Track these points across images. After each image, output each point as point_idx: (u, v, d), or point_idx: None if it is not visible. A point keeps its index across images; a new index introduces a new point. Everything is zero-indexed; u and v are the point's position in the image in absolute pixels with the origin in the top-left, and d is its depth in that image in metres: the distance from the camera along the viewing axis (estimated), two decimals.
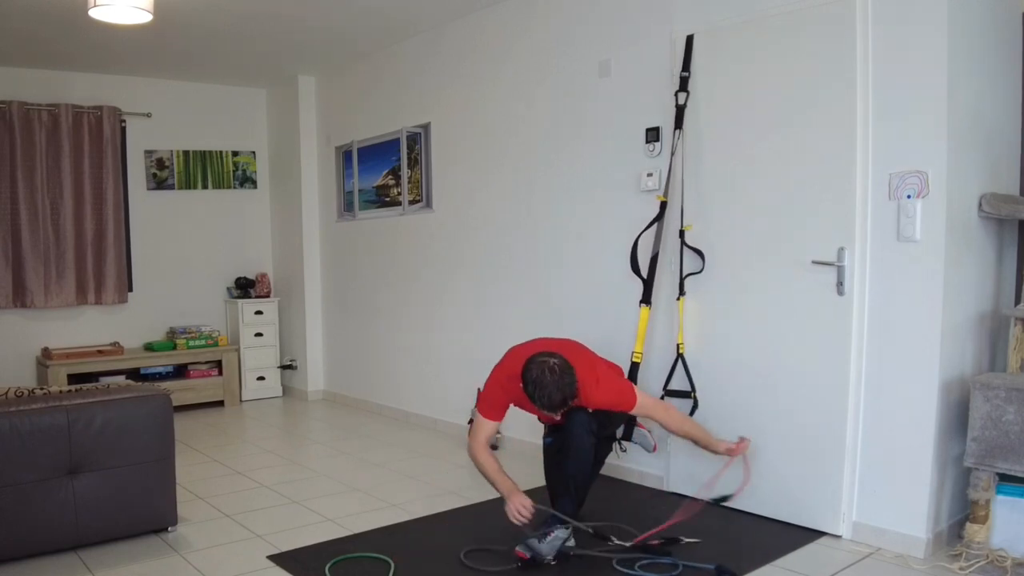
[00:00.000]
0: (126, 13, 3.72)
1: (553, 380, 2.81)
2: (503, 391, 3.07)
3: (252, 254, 6.70)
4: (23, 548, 2.85)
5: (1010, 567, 2.71)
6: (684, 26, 3.57)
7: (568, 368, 2.85)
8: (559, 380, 2.81)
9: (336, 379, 6.30)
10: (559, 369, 2.82)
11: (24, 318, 5.70)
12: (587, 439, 3.01)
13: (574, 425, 3.02)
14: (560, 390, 2.81)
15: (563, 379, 2.82)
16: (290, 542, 3.12)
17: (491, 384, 3.12)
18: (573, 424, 3.03)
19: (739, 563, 2.83)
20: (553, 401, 2.81)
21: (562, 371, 2.82)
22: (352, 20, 4.87)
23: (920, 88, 2.85)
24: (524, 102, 4.48)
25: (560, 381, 2.81)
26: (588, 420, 3.02)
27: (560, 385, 2.81)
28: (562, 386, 2.81)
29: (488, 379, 3.13)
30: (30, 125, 5.55)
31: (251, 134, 6.65)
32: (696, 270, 3.52)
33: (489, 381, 3.13)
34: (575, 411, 3.05)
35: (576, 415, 3.04)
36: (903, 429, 2.92)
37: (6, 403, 2.85)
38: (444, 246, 5.11)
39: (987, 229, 3.09)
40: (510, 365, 3.03)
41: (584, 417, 3.02)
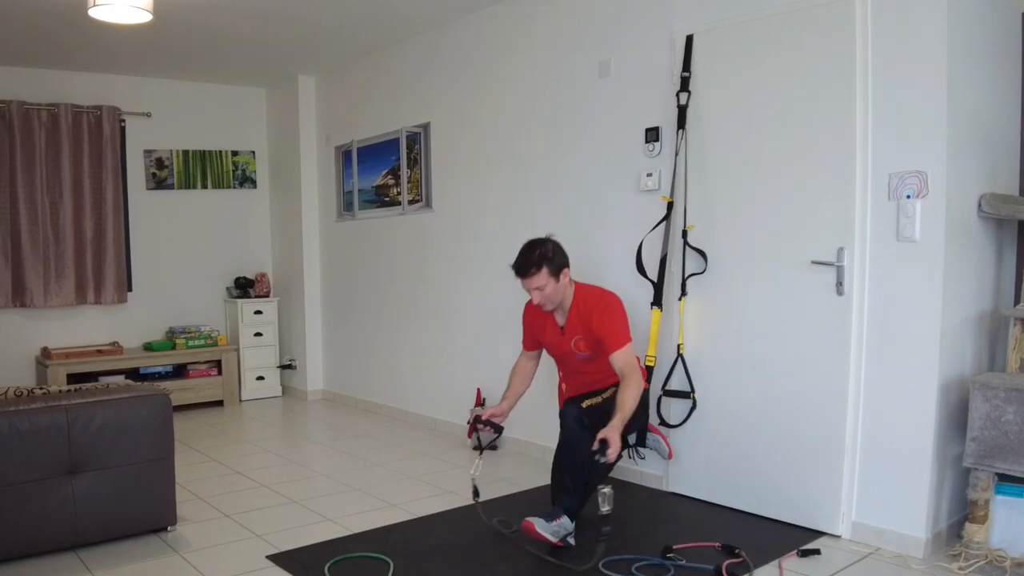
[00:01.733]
0: (126, 13, 3.72)
1: (527, 247, 3.12)
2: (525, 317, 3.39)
3: (252, 254, 6.70)
4: (22, 548, 2.85)
5: (1009, 567, 2.71)
6: (684, 26, 3.57)
7: (550, 247, 3.10)
8: (530, 249, 3.09)
9: (335, 379, 6.29)
10: (541, 243, 3.12)
11: (23, 318, 5.69)
12: (578, 433, 3.02)
13: (565, 419, 3.06)
14: (532, 249, 3.08)
15: (539, 246, 3.10)
16: (289, 542, 3.12)
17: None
18: (564, 419, 3.07)
19: (739, 563, 2.83)
20: (521, 257, 3.08)
21: (541, 244, 3.11)
22: (352, 20, 4.87)
23: (920, 88, 2.85)
24: (524, 102, 4.48)
25: (530, 249, 3.09)
26: (579, 414, 3.04)
27: (528, 252, 3.08)
28: (531, 250, 3.08)
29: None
30: (30, 125, 5.55)
31: (251, 134, 6.65)
32: (698, 270, 3.52)
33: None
34: (567, 405, 3.09)
35: (568, 409, 3.07)
36: (903, 429, 2.92)
37: (6, 403, 2.85)
38: (444, 246, 5.11)
39: (987, 229, 3.09)
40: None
41: (575, 411, 3.05)
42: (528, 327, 3.40)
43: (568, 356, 3.26)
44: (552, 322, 3.26)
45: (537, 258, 3.05)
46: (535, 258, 3.06)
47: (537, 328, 3.34)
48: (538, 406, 4.02)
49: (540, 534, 2.87)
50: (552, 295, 3.11)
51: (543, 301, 3.13)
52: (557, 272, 3.08)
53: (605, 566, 2.80)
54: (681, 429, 3.57)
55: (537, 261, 3.05)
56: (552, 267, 3.06)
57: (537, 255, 3.06)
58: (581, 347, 3.19)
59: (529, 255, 3.08)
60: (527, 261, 3.07)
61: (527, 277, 3.07)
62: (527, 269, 3.06)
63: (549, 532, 2.88)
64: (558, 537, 2.90)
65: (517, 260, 3.11)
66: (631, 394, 2.96)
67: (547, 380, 4.03)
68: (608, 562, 2.83)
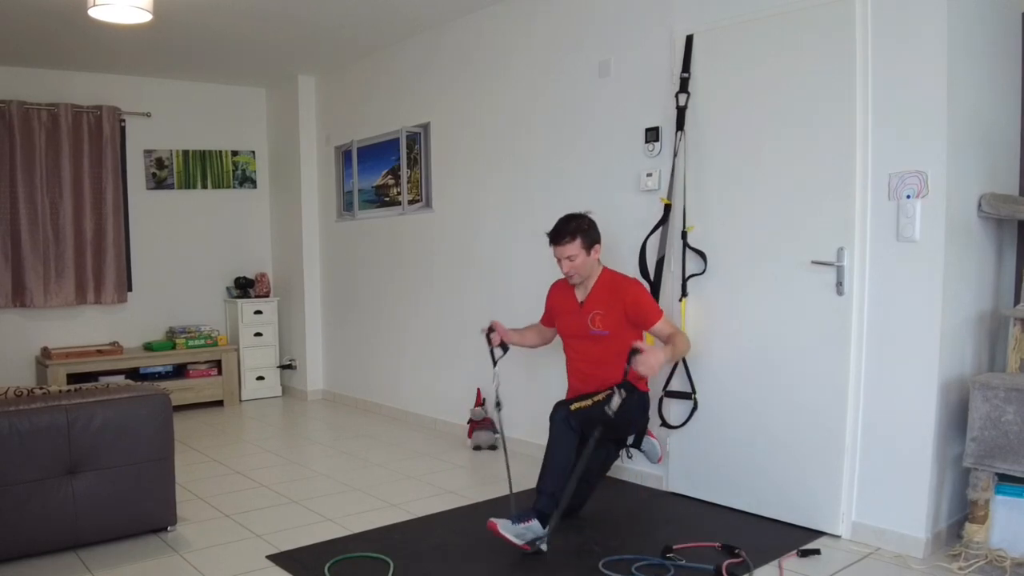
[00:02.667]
0: (126, 13, 3.72)
1: (565, 217, 3.27)
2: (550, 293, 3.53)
3: (251, 254, 6.70)
4: (22, 547, 2.85)
5: (1009, 567, 2.71)
6: (684, 26, 3.57)
7: (586, 221, 3.24)
8: (570, 218, 3.25)
9: (335, 379, 6.29)
10: (579, 215, 3.27)
11: (23, 318, 5.69)
12: (563, 435, 3.01)
13: (552, 421, 3.06)
14: (569, 220, 3.23)
15: (576, 218, 3.24)
16: (289, 542, 3.12)
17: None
18: (552, 421, 3.06)
19: (739, 563, 2.83)
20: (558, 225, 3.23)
21: (579, 216, 3.26)
22: (352, 20, 4.87)
23: (920, 88, 2.85)
24: (524, 102, 4.48)
25: (572, 216, 3.25)
26: (567, 416, 3.03)
27: (568, 220, 3.24)
28: (568, 221, 3.23)
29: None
30: (30, 125, 5.55)
31: (251, 134, 6.65)
32: (698, 271, 3.52)
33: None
34: (557, 407, 3.09)
35: (557, 411, 3.06)
36: (902, 429, 2.92)
37: (6, 403, 2.85)
38: (444, 246, 5.11)
39: (986, 229, 3.09)
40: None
41: (563, 413, 3.05)
42: (549, 305, 3.52)
43: (580, 334, 3.31)
44: (572, 297, 3.35)
45: (573, 228, 3.20)
46: (571, 228, 3.20)
47: (556, 304, 3.45)
48: (538, 406, 4.01)
49: (503, 535, 2.85)
50: (581, 267, 3.23)
51: (571, 271, 3.24)
52: (589, 246, 3.22)
53: (605, 566, 2.80)
54: (681, 429, 3.57)
55: (573, 231, 3.19)
56: (586, 240, 3.20)
57: (573, 226, 3.21)
58: (598, 323, 3.25)
59: (566, 224, 3.22)
60: (563, 229, 3.21)
61: (560, 244, 3.21)
62: (562, 237, 3.20)
63: (513, 533, 2.86)
64: (524, 540, 2.87)
65: (554, 228, 3.25)
66: (682, 342, 3.19)
67: (548, 380, 4.04)
68: (608, 562, 2.83)
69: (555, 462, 3.01)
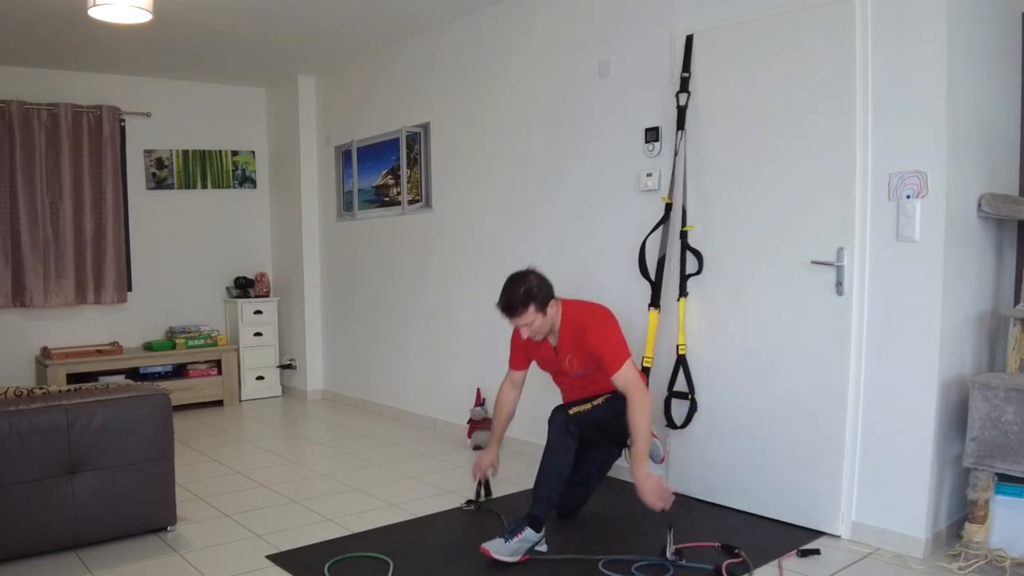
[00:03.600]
0: (126, 13, 3.72)
1: (510, 284, 3.04)
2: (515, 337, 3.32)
3: (251, 254, 6.70)
4: (22, 548, 2.85)
5: (1009, 567, 2.71)
6: (684, 26, 3.57)
7: (533, 281, 3.01)
8: (513, 286, 3.02)
9: (335, 379, 6.29)
10: (524, 279, 3.03)
11: (23, 317, 5.69)
12: (561, 440, 2.99)
13: (551, 426, 3.03)
14: (515, 287, 3.01)
15: (517, 287, 3.00)
16: (289, 542, 3.12)
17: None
18: (551, 425, 3.04)
19: (739, 563, 2.83)
20: (506, 297, 3.01)
21: (525, 281, 3.02)
22: (352, 20, 4.87)
23: (920, 88, 2.85)
24: (524, 102, 4.48)
25: (513, 287, 3.02)
26: (566, 420, 3.01)
27: (512, 291, 3.01)
28: (513, 292, 3.00)
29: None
30: (29, 124, 5.54)
31: (251, 134, 6.65)
32: (698, 271, 3.52)
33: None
34: (556, 411, 3.06)
35: (556, 415, 3.04)
36: (902, 429, 2.92)
37: (5, 403, 2.85)
38: (444, 246, 5.11)
39: (986, 229, 3.09)
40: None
41: (562, 417, 3.02)
42: (518, 346, 3.34)
43: (566, 375, 3.23)
44: (546, 344, 3.21)
45: (522, 297, 2.98)
46: (520, 297, 2.98)
47: (530, 349, 3.30)
48: (538, 406, 4.01)
49: (497, 559, 2.83)
50: (541, 328, 3.07)
51: (532, 335, 3.08)
52: (543, 306, 3.02)
53: (605, 566, 2.80)
54: (681, 429, 3.57)
55: (523, 300, 2.98)
56: (538, 303, 3.00)
57: (522, 293, 2.98)
58: (575, 365, 3.15)
59: (513, 294, 3.00)
60: (512, 301, 3.00)
61: (514, 317, 3.02)
62: (514, 309, 3.00)
63: (507, 553, 2.83)
64: (520, 553, 2.86)
65: (502, 299, 3.03)
66: (643, 418, 2.92)
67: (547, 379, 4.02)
68: (608, 562, 2.83)
69: (552, 467, 2.99)
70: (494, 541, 2.87)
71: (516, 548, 2.86)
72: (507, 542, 2.85)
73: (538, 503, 2.96)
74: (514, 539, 2.86)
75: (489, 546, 2.85)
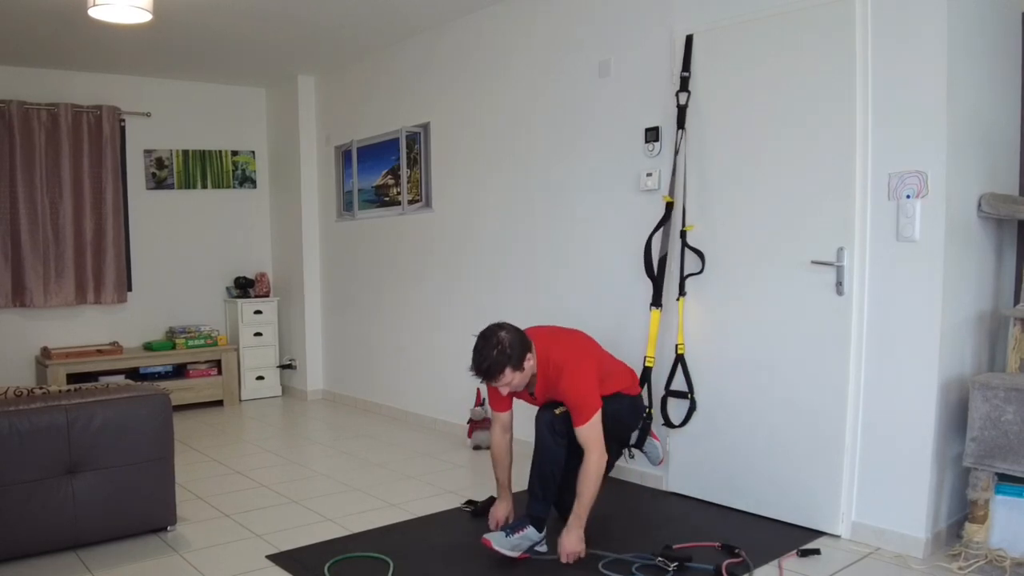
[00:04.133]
0: (126, 13, 3.72)
1: (482, 347, 2.87)
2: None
3: (251, 254, 6.70)
4: (22, 547, 2.85)
5: (1009, 567, 2.71)
6: (684, 26, 3.57)
7: (506, 342, 2.84)
8: (485, 349, 2.85)
9: (335, 379, 6.29)
10: (495, 340, 2.85)
11: (23, 317, 5.69)
12: (549, 439, 2.98)
13: (538, 426, 3.02)
14: (484, 359, 2.84)
15: (490, 350, 2.84)
16: (289, 542, 3.12)
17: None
18: (537, 425, 3.03)
19: (739, 563, 2.83)
20: (480, 362, 2.86)
21: (497, 342, 2.84)
22: (352, 20, 4.87)
23: (920, 88, 2.85)
24: (524, 102, 4.48)
25: (486, 350, 2.85)
26: (552, 420, 2.99)
27: (485, 354, 2.85)
28: (487, 356, 2.84)
29: None
30: (29, 124, 5.54)
31: (251, 134, 6.65)
32: (697, 270, 3.52)
33: None
34: (541, 411, 3.04)
35: (541, 415, 3.03)
36: (902, 429, 2.92)
37: (5, 403, 2.85)
38: (444, 246, 5.11)
39: (986, 229, 3.09)
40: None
41: (548, 417, 3.00)
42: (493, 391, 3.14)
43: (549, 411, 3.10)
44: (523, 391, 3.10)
45: (497, 361, 2.84)
46: (495, 362, 2.84)
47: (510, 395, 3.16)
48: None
49: (497, 550, 2.83)
50: (520, 383, 2.95)
51: (513, 391, 3.01)
52: (520, 363, 2.88)
53: (605, 566, 2.80)
54: (680, 429, 3.57)
55: (500, 365, 2.84)
56: (514, 363, 2.86)
57: (496, 357, 2.83)
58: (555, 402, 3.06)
59: (487, 359, 2.85)
60: (489, 368, 2.85)
61: (491, 381, 2.91)
62: (491, 376, 2.87)
63: (508, 547, 2.84)
64: (521, 550, 2.86)
65: (476, 364, 2.88)
66: (590, 479, 2.86)
67: None
68: (608, 562, 2.83)
69: (544, 467, 2.98)
70: (496, 533, 2.88)
71: (517, 544, 2.86)
72: (508, 536, 2.86)
73: (535, 503, 2.96)
74: (516, 535, 2.87)
75: (491, 537, 2.86)
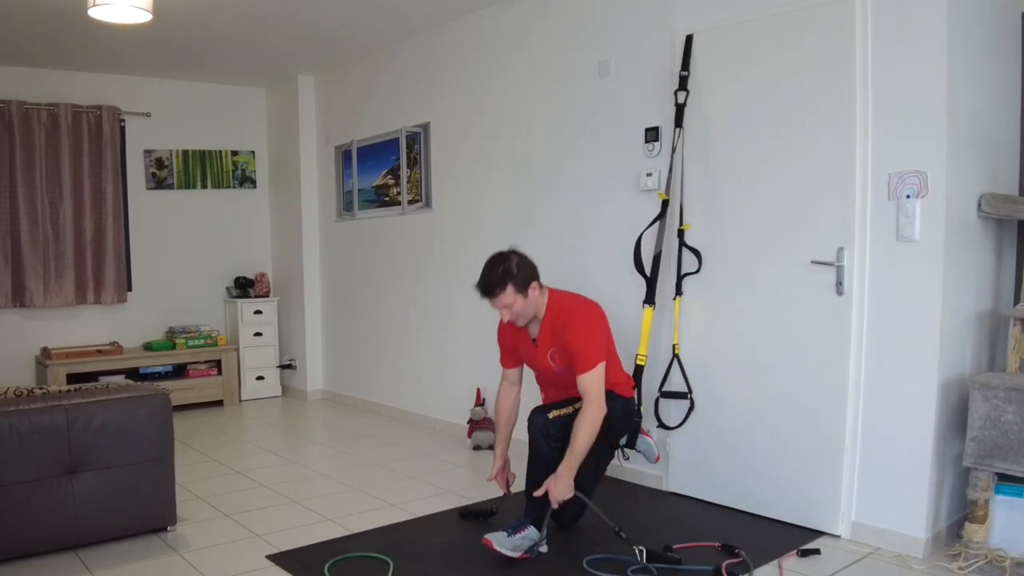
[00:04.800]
0: (126, 13, 3.72)
1: (489, 265, 2.99)
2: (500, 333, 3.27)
3: (251, 254, 6.70)
4: (22, 547, 2.85)
5: (1009, 567, 2.71)
6: (684, 26, 3.57)
7: (513, 261, 2.96)
8: (493, 266, 2.96)
9: (335, 379, 6.29)
10: (504, 259, 2.97)
11: (23, 318, 5.69)
12: (542, 443, 2.98)
13: (530, 429, 3.02)
14: (495, 267, 2.95)
15: (501, 262, 2.95)
16: (289, 542, 3.12)
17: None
18: (530, 428, 3.03)
19: (739, 563, 2.83)
20: (484, 277, 2.97)
21: (504, 260, 2.96)
22: (352, 20, 4.87)
23: (919, 88, 2.85)
24: (524, 102, 4.48)
25: (492, 267, 2.96)
26: (546, 424, 2.99)
27: (491, 270, 2.95)
28: (492, 272, 2.95)
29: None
30: (29, 124, 5.54)
31: (251, 134, 6.65)
32: (694, 269, 3.52)
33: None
34: (534, 414, 3.04)
35: (534, 418, 3.02)
36: (902, 429, 2.92)
37: (5, 403, 2.85)
38: (444, 246, 5.11)
39: (986, 229, 3.09)
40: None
41: (541, 420, 3.00)
42: (503, 345, 3.28)
43: (544, 369, 3.15)
44: (526, 336, 3.15)
45: (501, 276, 2.91)
46: (498, 277, 2.92)
47: (512, 342, 3.24)
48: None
49: (498, 551, 2.82)
50: (522, 311, 2.99)
51: (513, 318, 3.02)
52: (524, 287, 2.95)
53: (602, 566, 2.81)
54: (680, 429, 3.57)
55: (501, 280, 2.91)
56: (517, 283, 2.92)
57: (500, 272, 2.92)
58: (556, 360, 3.06)
59: (492, 274, 2.94)
60: (490, 281, 2.93)
61: (492, 297, 2.95)
62: (491, 290, 2.93)
63: (509, 547, 2.83)
64: (522, 550, 2.86)
65: (480, 280, 2.97)
66: (585, 431, 2.85)
67: None
68: (592, 560, 2.84)
69: (539, 471, 2.98)
70: (497, 534, 2.88)
71: (518, 544, 2.86)
72: (510, 536, 2.86)
73: (531, 505, 2.96)
74: (517, 535, 2.87)
75: (492, 537, 2.86)
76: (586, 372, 2.91)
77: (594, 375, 2.91)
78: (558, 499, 2.85)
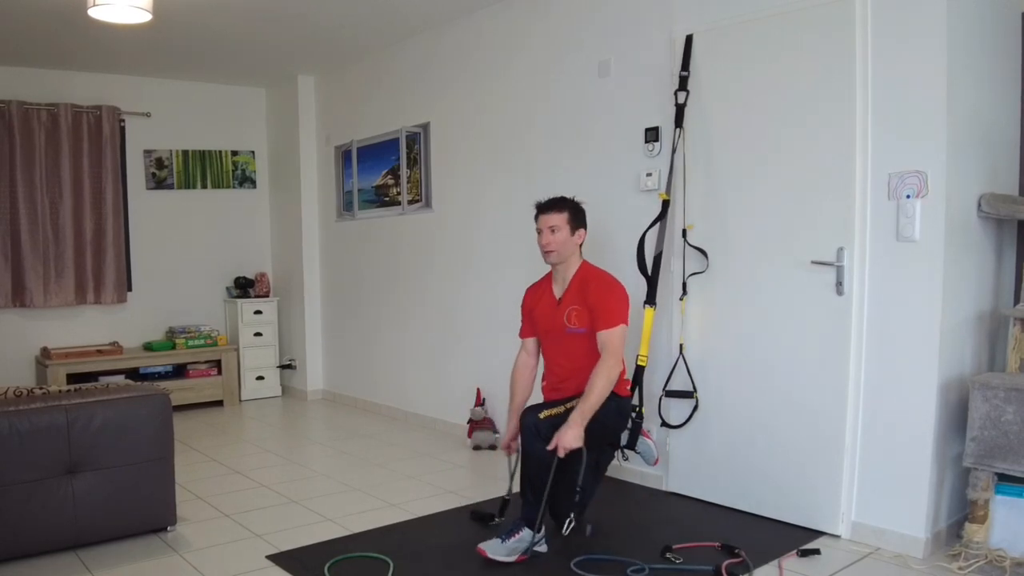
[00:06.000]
0: (126, 13, 3.72)
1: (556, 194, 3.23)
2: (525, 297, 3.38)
3: (251, 254, 6.70)
4: (22, 547, 2.85)
5: (1009, 567, 2.71)
6: (684, 26, 3.57)
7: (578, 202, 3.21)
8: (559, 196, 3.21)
9: (335, 379, 6.29)
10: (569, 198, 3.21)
11: (23, 318, 5.69)
12: (533, 443, 2.95)
13: (522, 430, 3.01)
14: (562, 197, 3.19)
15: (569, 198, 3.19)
16: (289, 542, 3.12)
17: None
18: (522, 429, 3.02)
19: (739, 563, 2.83)
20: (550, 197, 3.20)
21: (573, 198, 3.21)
22: (352, 20, 4.87)
23: (919, 88, 2.85)
24: (524, 102, 4.48)
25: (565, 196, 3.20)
26: (536, 424, 2.97)
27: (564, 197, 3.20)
28: (565, 197, 3.19)
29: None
30: (29, 125, 5.54)
31: (251, 134, 6.65)
32: (699, 270, 3.52)
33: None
34: (526, 414, 3.03)
35: (526, 418, 3.00)
36: (902, 429, 2.92)
37: (5, 403, 2.85)
38: (443, 246, 5.11)
39: (986, 229, 3.09)
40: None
41: (532, 421, 2.98)
42: (524, 310, 3.35)
43: (557, 331, 3.17)
44: (549, 294, 3.23)
45: (565, 200, 3.17)
46: (563, 200, 3.17)
47: (533, 303, 3.29)
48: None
49: (493, 559, 2.82)
50: (561, 245, 3.12)
51: (550, 244, 3.12)
52: (575, 225, 3.15)
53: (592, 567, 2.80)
54: (681, 429, 3.57)
55: (564, 203, 3.16)
56: (573, 217, 3.14)
57: (567, 199, 3.18)
58: (573, 319, 3.10)
59: (559, 197, 3.20)
60: (555, 200, 3.18)
61: (548, 212, 3.14)
62: (552, 205, 3.15)
63: (503, 553, 2.83)
64: (518, 553, 2.85)
65: (545, 199, 3.20)
66: (600, 381, 2.91)
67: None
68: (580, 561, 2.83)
69: (531, 472, 2.96)
70: (491, 541, 2.88)
71: (513, 548, 2.86)
72: (504, 542, 2.86)
73: (527, 508, 2.95)
74: (511, 539, 2.86)
75: (485, 546, 2.85)
76: (608, 328, 3.01)
77: (616, 332, 3.01)
78: (566, 447, 2.84)
